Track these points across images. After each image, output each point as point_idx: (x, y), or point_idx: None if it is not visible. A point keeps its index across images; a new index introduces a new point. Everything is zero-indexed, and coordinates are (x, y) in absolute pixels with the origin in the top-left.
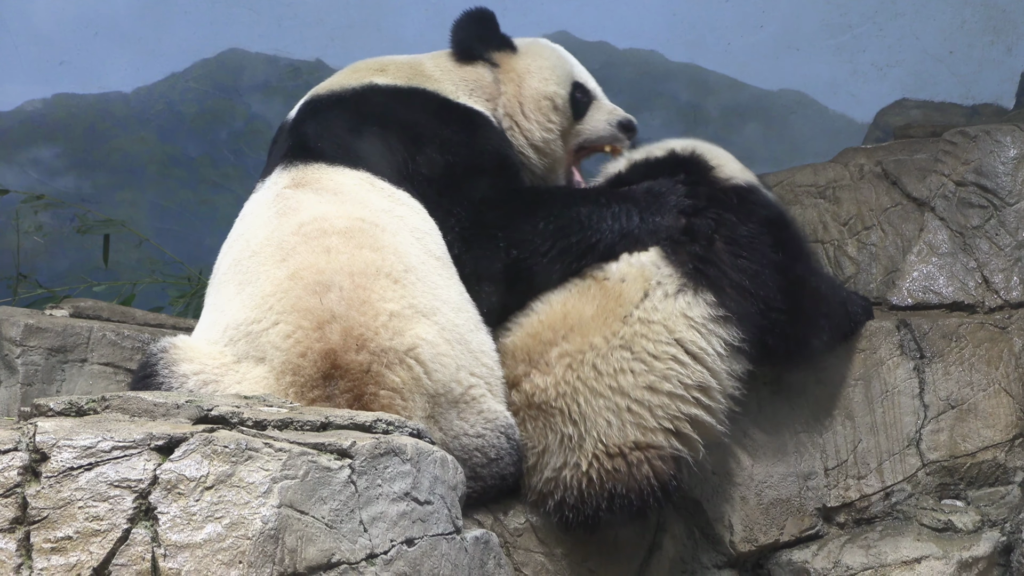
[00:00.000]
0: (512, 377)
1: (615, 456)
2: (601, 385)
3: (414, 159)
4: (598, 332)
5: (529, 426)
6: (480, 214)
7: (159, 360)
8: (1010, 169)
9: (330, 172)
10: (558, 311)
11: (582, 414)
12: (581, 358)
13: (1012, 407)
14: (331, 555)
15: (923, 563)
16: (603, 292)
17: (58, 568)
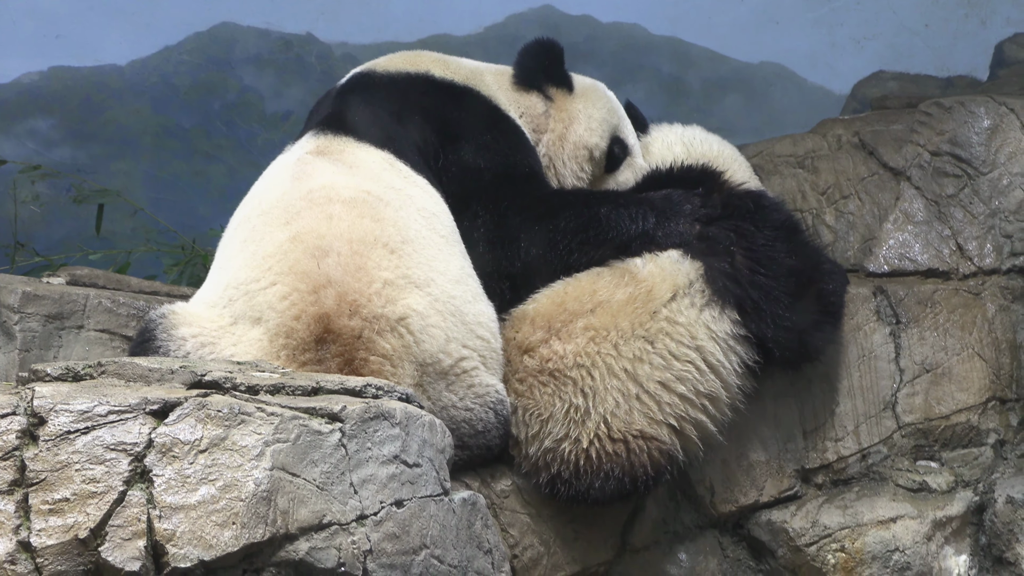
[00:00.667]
0: (527, 342)
1: (617, 441)
2: (618, 366)
3: (446, 155)
4: (626, 317)
5: (537, 392)
6: (505, 218)
7: (158, 325)
8: (984, 139)
9: (355, 147)
10: (587, 287)
11: (593, 389)
12: (605, 334)
13: (985, 371)
14: (322, 516)
15: (898, 522)
16: (635, 283)
17: (56, 529)
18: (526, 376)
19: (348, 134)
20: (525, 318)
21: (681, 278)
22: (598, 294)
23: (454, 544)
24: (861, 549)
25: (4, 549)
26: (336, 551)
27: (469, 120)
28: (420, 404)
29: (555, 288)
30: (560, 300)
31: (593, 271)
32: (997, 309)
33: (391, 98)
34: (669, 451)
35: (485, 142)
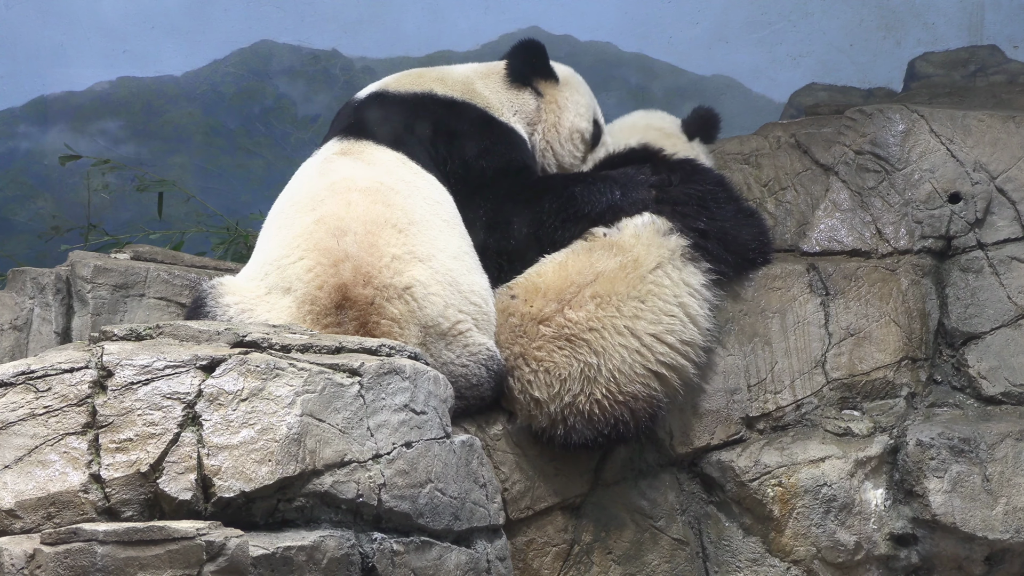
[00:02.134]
0: (542, 314)
1: (625, 390)
2: (621, 324)
3: (453, 159)
4: (622, 282)
5: (557, 356)
6: (501, 206)
7: (208, 294)
8: (899, 141)
9: (374, 149)
10: (585, 261)
11: (604, 347)
12: (608, 299)
13: (899, 335)
14: (344, 455)
15: (827, 462)
16: (623, 252)
17: (121, 464)
18: (543, 343)
19: (368, 138)
20: (537, 292)
21: (664, 250)
22: (595, 265)
23: (454, 479)
24: (795, 484)
25: (79, 480)
26: (355, 484)
27: (469, 130)
28: (426, 361)
29: (556, 261)
30: (565, 274)
31: (586, 247)
32: (909, 283)
33: (403, 113)
34: (659, 397)
35: (484, 146)
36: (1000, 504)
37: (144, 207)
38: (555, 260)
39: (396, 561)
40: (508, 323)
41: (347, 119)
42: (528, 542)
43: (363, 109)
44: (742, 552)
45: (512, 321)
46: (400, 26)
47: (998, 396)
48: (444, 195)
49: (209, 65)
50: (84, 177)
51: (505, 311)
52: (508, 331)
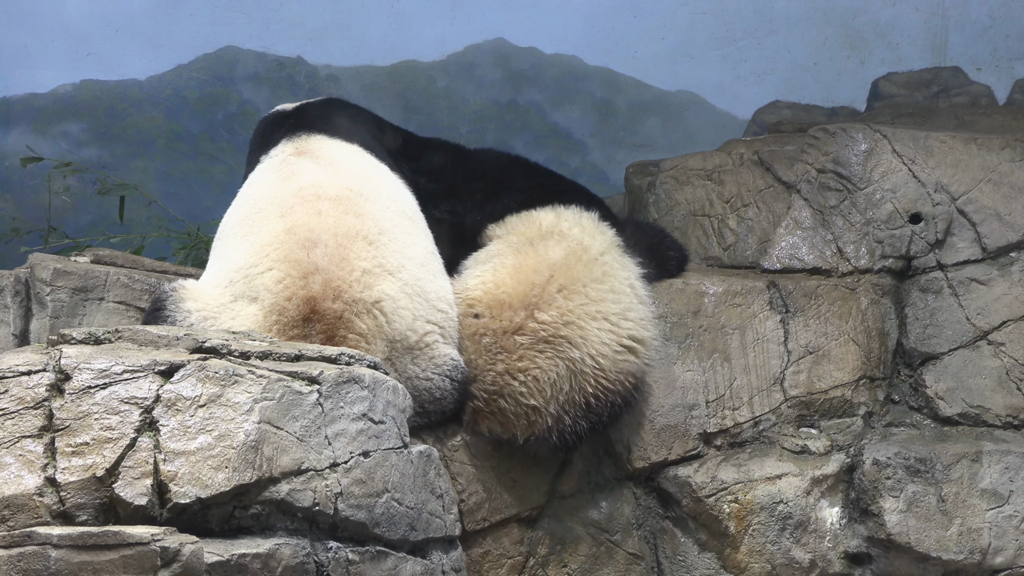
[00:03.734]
0: (513, 325)
1: (610, 373)
2: (592, 309)
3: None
4: (578, 267)
5: (540, 361)
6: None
7: (168, 298)
8: (861, 160)
9: (328, 144)
10: (534, 258)
11: (583, 337)
12: (573, 288)
13: (858, 354)
14: (301, 463)
15: (783, 479)
16: (565, 239)
17: (77, 468)
18: (524, 353)
19: (320, 133)
20: (502, 305)
21: (604, 237)
22: (547, 259)
23: (411, 489)
24: (752, 501)
25: (34, 483)
26: (312, 493)
27: None
28: (385, 371)
29: (508, 266)
30: (523, 277)
31: (525, 241)
32: (869, 302)
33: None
34: (635, 369)
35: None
36: (955, 525)
37: (105, 211)
38: (506, 265)
39: (351, 570)
40: (482, 344)
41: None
42: (484, 554)
43: (303, 110)
44: (697, 568)
45: (486, 341)
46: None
47: (955, 417)
48: (403, 188)
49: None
50: (45, 179)
51: (475, 334)
52: (484, 352)
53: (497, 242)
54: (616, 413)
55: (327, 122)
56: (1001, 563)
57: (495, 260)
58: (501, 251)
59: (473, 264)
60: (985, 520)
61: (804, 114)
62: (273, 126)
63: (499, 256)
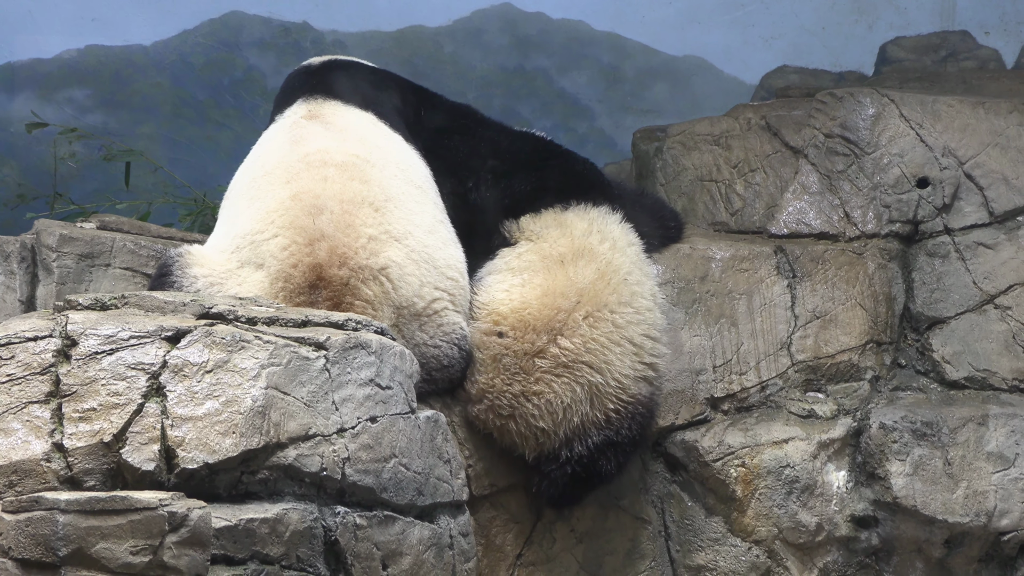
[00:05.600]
0: (535, 347)
1: (631, 391)
2: (618, 335)
3: (415, 108)
4: (608, 292)
5: (556, 386)
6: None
7: (175, 263)
8: (869, 125)
9: (343, 110)
10: (563, 280)
11: (607, 362)
12: (600, 316)
13: (865, 318)
14: (308, 428)
15: (790, 443)
16: (595, 258)
17: (84, 434)
18: (542, 376)
19: (336, 98)
20: (526, 327)
21: (627, 244)
22: (576, 282)
23: (418, 454)
24: (758, 465)
25: (41, 449)
26: (319, 458)
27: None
28: (392, 337)
29: (536, 287)
30: (550, 301)
31: (555, 263)
32: (876, 267)
33: (367, 73)
34: (656, 379)
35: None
36: (961, 488)
37: (111, 177)
38: (535, 284)
39: (359, 535)
40: (502, 364)
41: (308, 82)
42: (491, 518)
43: (325, 71)
44: (704, 532)
45: (506, 362)
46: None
47: (961, 381)
48: (415, 157)
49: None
50: (51, 145)
51: (497, 355)
52: (503, 372)
53: (529, 249)
54: (645, 424)
55: (345, 87)
56: (1007, 525)
57: (525, 275)
58: (532, 264)
59: (504, 271)
60: (991, 483)
61: (812, 79)
62: (295, 83)
63: (530, 271)
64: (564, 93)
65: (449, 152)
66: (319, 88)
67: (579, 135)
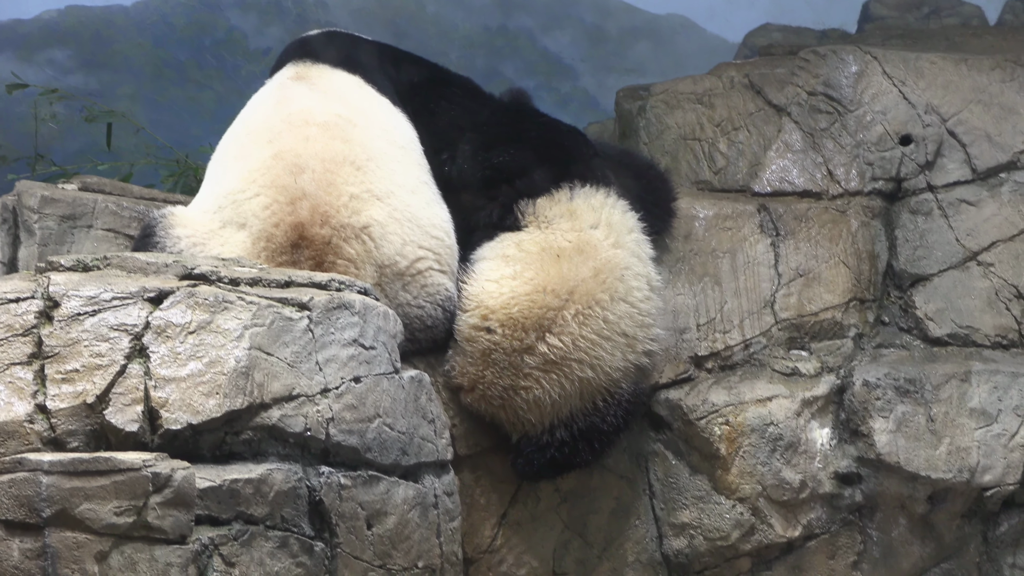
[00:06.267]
0: (524, 344)
1: (622, 382)
2: (609, 331)
3: (399, 73)
4: (602, 290)
5: (544, 382)
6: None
7: (158, 224)
8: (852, 82)
9: (329, 72)
10: (556, 275)
11: (599, 357)
12: (591, 313)
13: (848, 276)
14: (292, 389)
15: (774, 401)
16: (595, 254)
17: (67, 395)
18: (531, 372)
19: (324, 62)
20: (515, 324)
21: (627, 238)
22: (568, 280)
23: (403, 414)
24: (742, 423)
25: (24, 410)
26: (303, 418)
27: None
28: (376, 297)
29: (527, 281)
30: (537, 300)
31: (551, 251)
32: (859, 225)
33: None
34: (649, 365)
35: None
36: (944, 444)
37: (92, 138)
38: (525, 278)
39: (343, 495)
40: (491, 359)
41: (305, 45)
42: (476, 478)
43: (320, 36)
44: (688, 490)
45: (495, 357)
46: None
47: (944, 338)
48: (401, 120)
49: None
50: (32, 106)
51: (487, 351)
52: (493, 366)
53: (533, 238)
54: (635, 411)
55: (334, 52)
56: (989, 481)
57: (517, 267)
58: (528, 256)
59: (498, 259)
60: (974, 439)
61: (795, 37)
62: (289, 50)
63: (523, 263)
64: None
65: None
66: (309, 53)
67: (562, 94)
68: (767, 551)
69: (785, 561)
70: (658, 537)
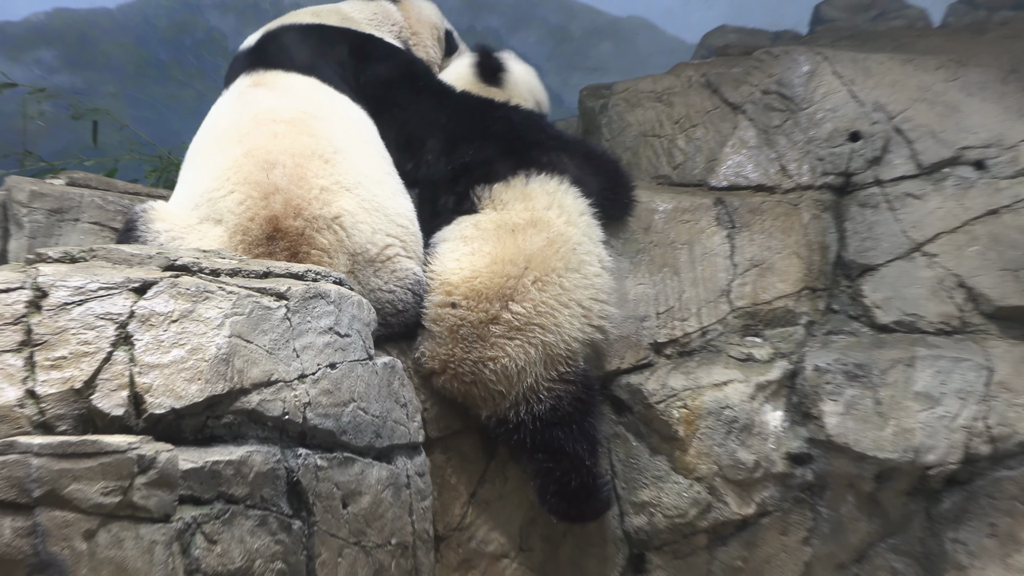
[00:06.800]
0: (488, 315)
1: (579, 353)
2: (566, 298)
3: (363, 74)
4: (557, 259)
5: (509, 349)
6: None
7: (139, 219)
8: (804, 81)
9: (285, 76)
10: (512, 247)
11: (557, 324)
12: (549, 279)
13: (800, 266)
14: (270, 375)
15: (729, 385)
16: (547, 227)
17: (55, 381)
18: (496, 340)
19: (277, 67)
20: (479, 296)
21: (580, 217)
22: (524, 250)
23: (376, 398)
24: (700, 406)
25: (14, 395)
26: (282, 403)
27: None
28: (350, 287)
29: (485, 255)
30: (497, 270)
31: (506, 227)
32: (811, 217)
33: (301, 40)
34: (603, 341)
35: (381, 57)
36: (890, 426)
37: (79, 135)
38: (484, 253)
39: (320, 476)
40: (459, 335)
41: (247, 58)
42: (446, 459)
43: (263, 45)
44: (648, 470)
45: (463, 332)
46: None
47: (891, 325)
48: (361, 114)
49: None
50: (20, 105)
51: (454, 326)
52: (462, 341)
53: (489, 219)
54: (592, 387)
55: (284, 57)
56: (932, 460)
57: (475, 244)
58: (484, 234)
59: (456, 240)
60: (918, 421)
61: (749, 38)
62: (237, 61)
63: (480, 240)
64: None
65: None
66: (260, 61)
67: None
68: (723, 528)
69: (740, 537)
70: (620, 515)
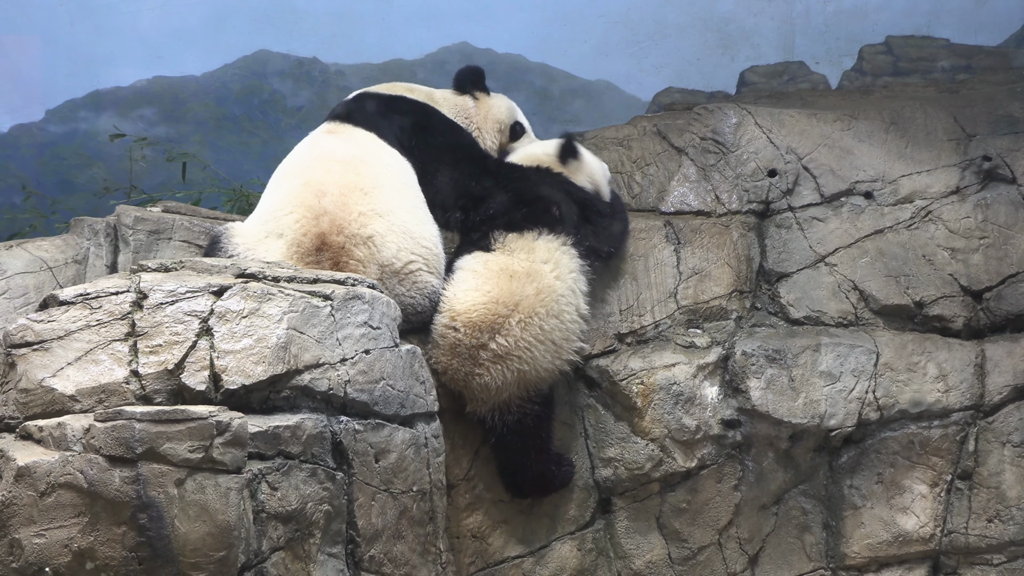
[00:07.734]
0: (479, 342)
1: (546, 380)
2: (545, 337)
3: (414, 139)
4: (541, 305)
5: (491, 370)
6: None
7: (222, 235)
8: (732, 130)
9: (352, 130)
10: (506, 289)
11: (533, 358)
12: (531, 321)
13: (731, 274)
14: (319, 359)
15: (677, 366)
16: (539, 278)
17: (153, 363)
18: (483, 362)
19: (348, 122)
20: (474, 326)
21: (569, 274)
22: (516, 294)
23: (401, 377)
24: (653, 383)
25: (122, 375)
26: (327, 381)
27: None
28: (381, 290)
29: (485, 294)
30: (491, 309)
31: (507, 271)
32: (739, 236)
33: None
34: (570, 370)
35: (438, 129)
36: (801, 398)
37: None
38: (484, 291)
39: (357, 437)
40: (456, 352)
41: (335, 109)
42: (456, 424)
43: (350, 103)
44: (613, 433)
45: (459, 350)
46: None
47: (801, 319)
48: (404, 164)
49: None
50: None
51: (453, 345)
52: (458, 359)
53: (498, 260)
54: (549, 399)
55: (357, 115)
56: (833, 424)
57: (480, 281)
58: (490, 273)
59: (468, 271)
60: (822, 394)
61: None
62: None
63: (485, 278)
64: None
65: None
66: (339, 115)
67: None
68: (671, 478)
69: (685, 485)
70: (591, 468)
